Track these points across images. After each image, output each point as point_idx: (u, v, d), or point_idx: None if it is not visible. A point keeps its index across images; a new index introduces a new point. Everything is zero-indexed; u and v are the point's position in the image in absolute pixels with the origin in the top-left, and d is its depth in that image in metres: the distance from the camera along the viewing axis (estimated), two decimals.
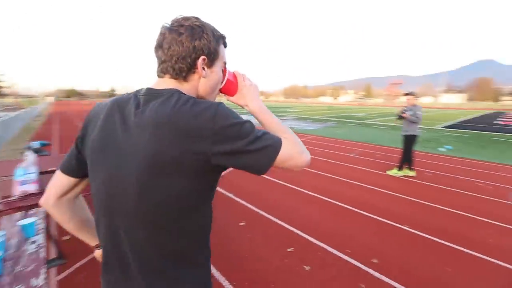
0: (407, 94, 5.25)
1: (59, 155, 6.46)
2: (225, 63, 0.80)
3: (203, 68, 0.72)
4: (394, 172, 5.35)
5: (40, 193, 2.93)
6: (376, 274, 2.33)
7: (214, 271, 2.30)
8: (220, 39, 0.75)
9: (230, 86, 0.83)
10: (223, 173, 0.73)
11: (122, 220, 0.67)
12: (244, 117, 0.68)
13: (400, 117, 5.21)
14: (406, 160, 5.24)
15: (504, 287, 2.24)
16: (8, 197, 2.33)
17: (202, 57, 0.70)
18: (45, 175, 3.16)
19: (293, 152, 0.70)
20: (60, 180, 0.77)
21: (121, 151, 0.65)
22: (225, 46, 0.78)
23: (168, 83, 0.71)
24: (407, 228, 3.16)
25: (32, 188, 2.38)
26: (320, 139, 9.83)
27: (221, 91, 0.83)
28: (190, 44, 0.68)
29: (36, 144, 8.31)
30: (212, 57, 0.72)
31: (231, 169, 0.70)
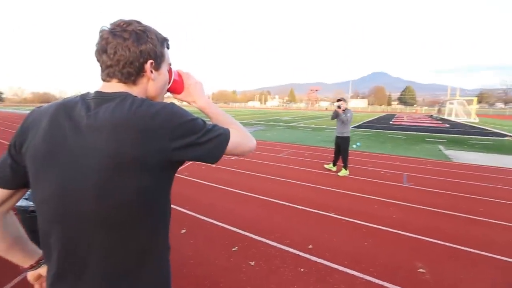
0: (338, 100, 5.69)
1: None
2: (170, 64, 0.83)
3: (151, 71, 0.74)
4: (344, 172, 5.62)
5: None
6: (313, 258, 2.61)
7: None
8: (164, 41, 0.78)
9: (176, 85, 0.88)
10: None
11: (81, 225, 0.64)
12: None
13: (336, 116, 5.63)
14: (345, 159, 5.67)
15: (405, 252, 2.81)
16: None
17: (150, 61, 0.72)
18: None
19: (241, 139, 0.80)
20: None
21: (73, 155, 0.63)
22: (168, 48, 0.82)
23: (117, 87, 0.72)
24: (332, 215, 3.61)
25: None
26: None
27: (168, 90, 0.87)
28: (137, 49, 0.69)
29: None
30: (159, 60, 0.76)
31: None
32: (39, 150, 0.65)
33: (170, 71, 0.84)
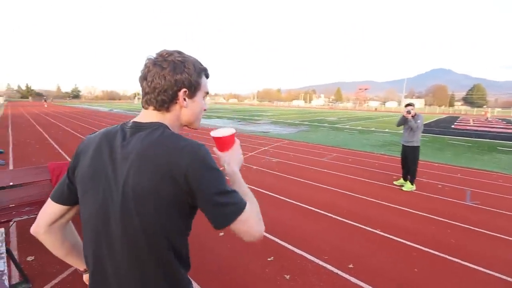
0: (408, 105, 4.94)
1: (16, 166, 5.91)
2: (207, 93, 0.86)
3: (184, 99, 0.78)
4: (409, 187, 4.93)
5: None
6: (353, 279, 2.43)
7: (193, 283, 2.25)
8: (201, 72, 0.82)
9: (229, 142, 0.93)
10: None
11: (107, 248, 0.71)
12: None
13: (403, 122, 4.98)
14: (413, 172, 4.96)
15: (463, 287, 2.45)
16: None
17: (183, 89, 0.77)
18: (5, 190, 2.88)
19: (252, 217, 0.73)
20: (51, 208, 0.80)
21: (108, 181, 0.70)
22: (207, 77, 0.85)
23: (152, 115, 0.78)
24: (378, 232, 3.34)
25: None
26: (295, 143, 10.06)
27: (221, 139, 0.91)
28: (172, 78, 0.74)
29: None
30: (193, 89, 0.79)
31: None
32: (85, 174, 0.74)
33: (233, 135, 0.93)
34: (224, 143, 0.92)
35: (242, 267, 2.55)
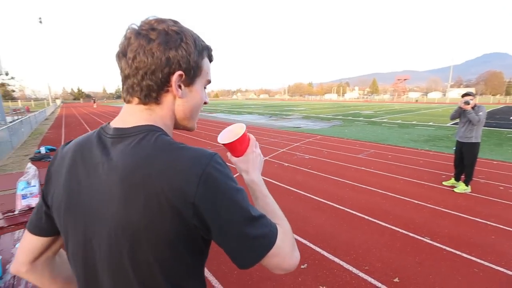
0: (466, 94, 4.28)
1: None
2: (209, 81, 0.64)
3: (179, 86, 0.56)
4: (463, 188, 4.34)
5: None
6: None
7: None
8: (204, 50, 0.60)
9: (242, 145, 0.72)
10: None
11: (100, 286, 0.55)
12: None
13: (459, 114, 4.35)
14: (469, 172, 4.37)
15: None
16: (11, 212, 2.25)
17: (178, 72, 0.55)
18: None
19: (285, 247, 0.55)
20: (30, 243, 0.63)
21: (89, 216, 0.53)
22: (210, 60, 0.63)
23: (136, 113, 0.56)
24: (428, 241, 2.95)
25: (34, 202, 2.29)
26: (328, 139, 9.61)
27: (231, 145, 0.71)
28: (163, 55, 0.52)
29: (43, 149, 8.29)
30: (192, 73, 0.57)
31: None
32: (60, 204, 0.56)
33: (245, 135, 0.72)
34: (236, 147, 0.72)
35: (274, 275, 2.39)
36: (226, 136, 0.73)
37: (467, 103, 4.20)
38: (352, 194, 4.31)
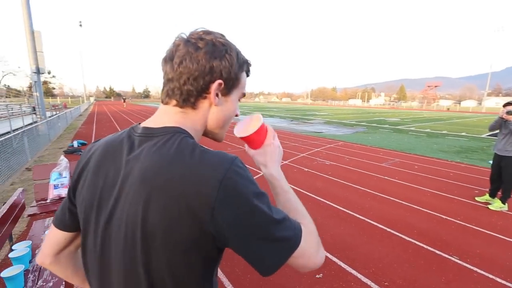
0: (508, 104, 3.95)
1: None
2: (244, 95, 0.67)
3: (217, 95, 0.59)
4: (498, 206, 4.02)
5: None
6: None
7: None
8: (244, 64, 0.62)
9: (260, 137, 0.71)
10: None
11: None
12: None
13: (500, 125, 4.01)
14: (508, 189, 4.00)
15: None
16: (44, 200, 2.42)
17: (219, 81, 0.57)
18: None
19: (310, 247, 0.55)
20: (55, 236, 0.66)
21: (110, 213, 0.54)
22: (247, 75, 0.66)
23: (169, 114, 0.58)
24: (455, 260, 2.74)
25: (64, 192, 2.45)
26: (350, 145, 9.33)
27: (248, 138, 0.70)
28: (207, 63, 0.55)
29: (75, 143, 8.89)
30: (231, 84, 0.60)
31: None
32: (85, 201, 0.58)
33: (262, 126, 0.71)
34: (253, 140, 0.71)
35: (288, 282, 2.34)
36: (242, 129, 0.71)
37: (510, 113, 3.85)
38: (373, 204, 4.14)
